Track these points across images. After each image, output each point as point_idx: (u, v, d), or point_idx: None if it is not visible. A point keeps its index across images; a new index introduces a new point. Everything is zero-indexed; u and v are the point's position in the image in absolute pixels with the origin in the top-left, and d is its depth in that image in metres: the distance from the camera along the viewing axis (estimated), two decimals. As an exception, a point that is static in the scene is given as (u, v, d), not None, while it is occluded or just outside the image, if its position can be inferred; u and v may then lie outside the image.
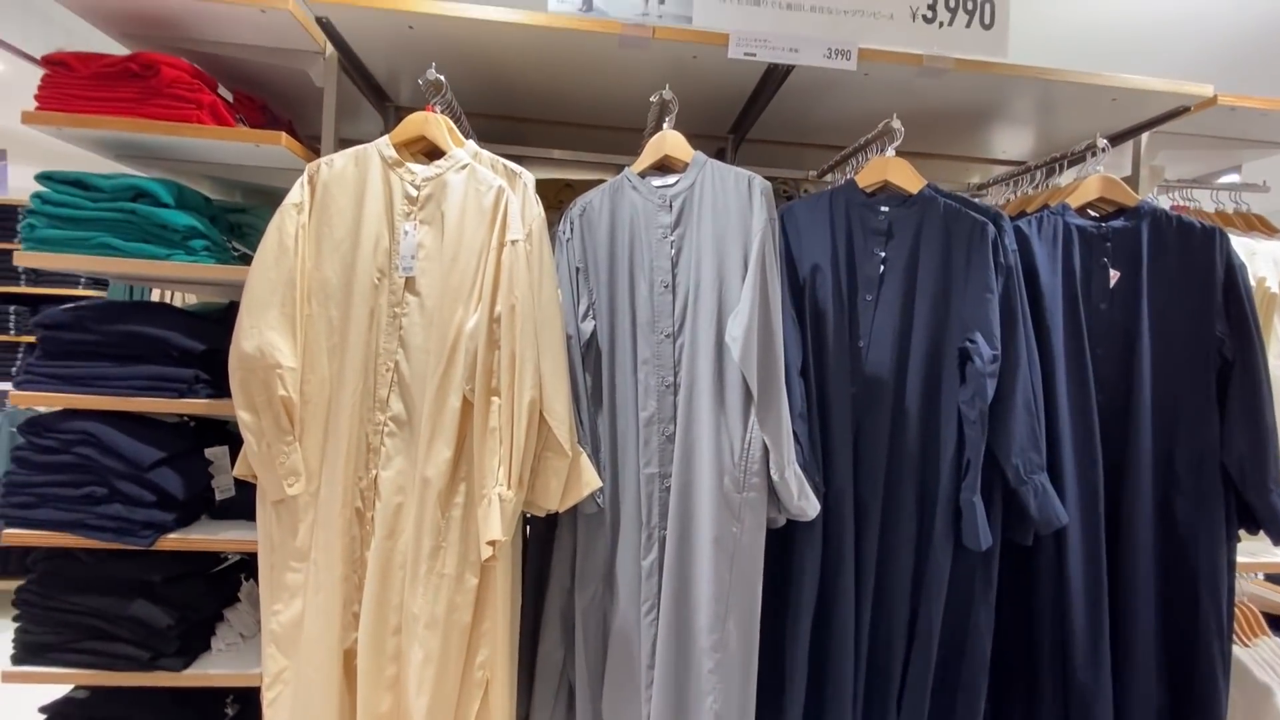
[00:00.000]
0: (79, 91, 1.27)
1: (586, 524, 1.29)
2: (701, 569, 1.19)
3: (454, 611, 1.17)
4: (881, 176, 1.37)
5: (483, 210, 1.23)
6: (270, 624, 1.22)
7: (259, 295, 1.20)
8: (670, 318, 1.28)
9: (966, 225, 1.30)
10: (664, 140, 1.33)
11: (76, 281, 3.65)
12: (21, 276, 3.63)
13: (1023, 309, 1.28)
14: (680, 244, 1.29)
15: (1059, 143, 1.78)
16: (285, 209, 1.22)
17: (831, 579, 1.27)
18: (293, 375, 1.19)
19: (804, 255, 1.35)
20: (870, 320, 1.34)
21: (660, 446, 1.27)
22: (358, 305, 1.23)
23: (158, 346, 1.28)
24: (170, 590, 1.29)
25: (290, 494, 1.20)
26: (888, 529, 1.30)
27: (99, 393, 1.26)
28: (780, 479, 1.16)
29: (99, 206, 1.26)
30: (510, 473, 1.15)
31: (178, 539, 1.27)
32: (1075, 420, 1.34)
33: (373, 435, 1.23)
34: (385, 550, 1.19)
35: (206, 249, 1.32)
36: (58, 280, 3.61)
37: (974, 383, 1.21)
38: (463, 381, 1.19)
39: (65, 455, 1.24)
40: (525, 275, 1.19)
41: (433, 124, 1.28)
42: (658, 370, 1.28)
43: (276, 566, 1.22)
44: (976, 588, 1.27)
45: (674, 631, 1.20)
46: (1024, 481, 1.24)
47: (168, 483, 1.26)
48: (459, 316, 1.21)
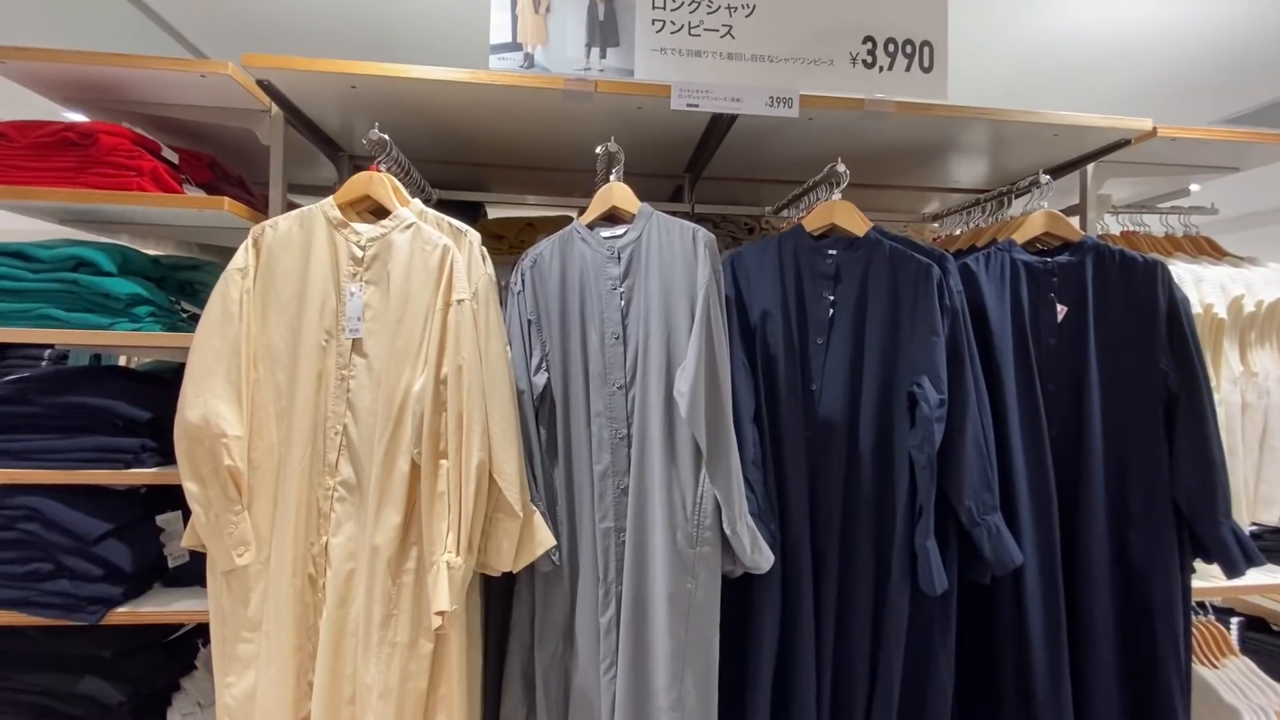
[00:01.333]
0: (18, 162, 1.26)
1: (544, 580, 1.28)
2: (657, 626, 1.18)
3: (408, 680, 1.15)
4: (828, 220, 1.38)
5: (428, 269, 1.22)
6: (224, 697, 1.19)
7: (203, 363, 1.18)
8: (622, 369, 1.28)
9: (912, 268, 1.31)
10: (611, 192, 1.33)
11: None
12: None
13: (970, 350, 1.29)
14: (630, 295, 1.29)
15: (1012, 171, 1.80)
16: (229, 275, 1.21)
17: (791, 626, 1.27)
18: (239, 444, 1.18)
19: (754, 300, 1.36)
20: (822, 363, 1.35)
21: (615, 500, 1.26)
22: (305, 368, 1.22)
23: (102, 417, 1.26)
24: (122, 665, 1.27)
25: (240, 564, 1.18)
26: (846, 574, 1.30)
27: (44, 467, 1.24)
28: (733, 533, 1.16)
29: (40, 278, 1.25)
30: (460, 538, 1.14)
31: (127, 612, 1.25)
32: (1029, 456, 1.35)
33: (323, 500, 1.21)
34: (337, 619, 1.18)
35: (152, 315, 1.30)
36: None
37: (922, 428, 1.22)
38: (411, 445, 1.18)
39: (9, 532, 1.22)
40: (472, 335, 1.19)
41: (377, 183, 1.28)
42: (611, 423, 1.27)
43: (228, 638, 1.20)
44: (935, 630, 1.27)
45: (632, 690, 1.19)
46: (977, 523, 1.24)
47: (115, 555, 1.24)
48: (406, 378, 1.20)
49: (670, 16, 1.33)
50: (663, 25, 1.32)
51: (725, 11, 1.33)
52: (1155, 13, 2.32)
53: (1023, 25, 2.43)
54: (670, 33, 1.32)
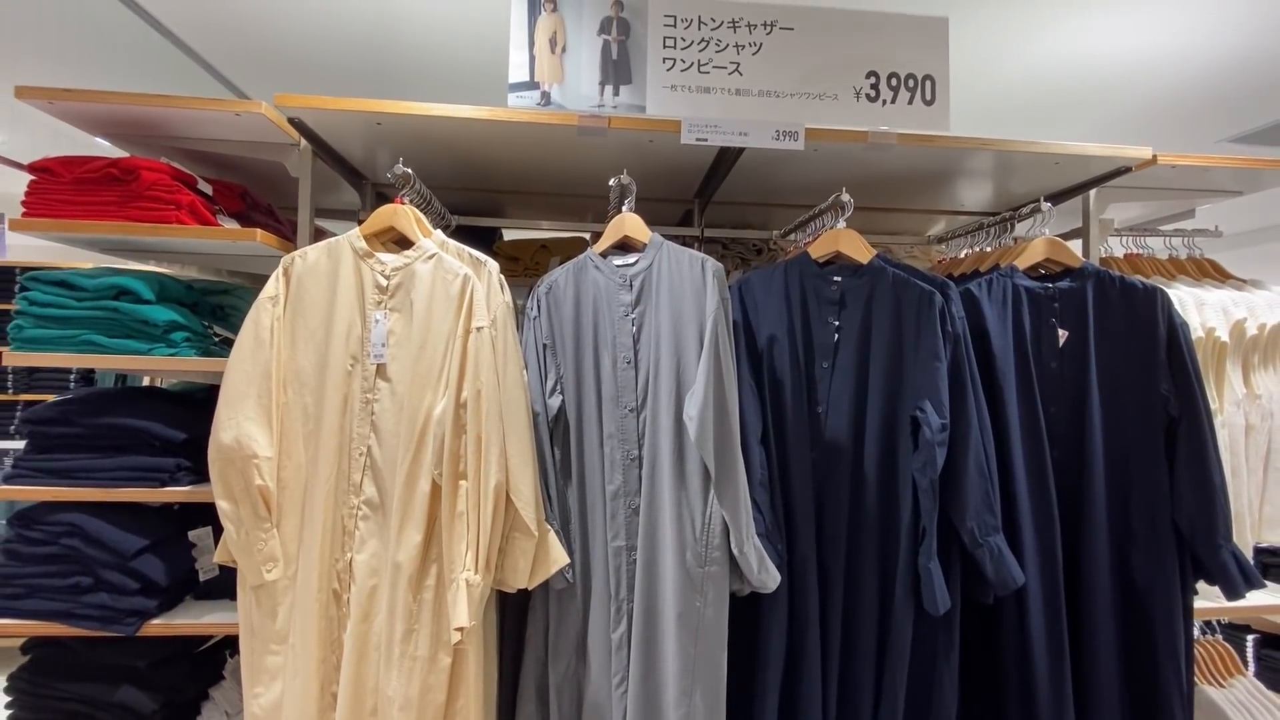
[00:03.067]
0: (64, 196, 1.34)
1: (558, 597, 1.33)
2: (667, 643, 1.22)
3: (428, 693, 1.20)
4: (833, 248, 1.42)
5: (450, 298, 1.28)
6: (252, 707, 1.25)
7: (236, 388, 1.25)
8: (633, 392, 1.33)
9: (914, 294, 1.35)
10: (623, 222, 1.38)
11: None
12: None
13: (972, 374, 1.33)
14: (641, 321, 1.34)
15: (1016, 194, 1.84)
16: (261, 303, 1.28)
17: (797, 644, 1.30)
18: (269, 465, 1.24)
19: (761, 325, 1.40)
20: (828, 387, 1.39)
21: (627, 519, 1.31)
22: (331, 392, 1.28)
23: (140, 437, 1.33)
24: (155, 674, 1.32)
25: (269, 579, 1.24)
26: (851, 593, 1.33)
27: (84, 485, 1.30)
28: (740, 553, 1.20)
29: (83, 305, 1.32)
30: (478, 556, 1.19)
31: (161, 624, 1.31)
32: (1031, 479, 1.38)
33: (348, 519, 1.27)
34: (360, 633, 1.23)
35: (187, 340, 1.37)
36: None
37: (924, 452, 1.26)
38: (432, 466, 1.24)
39: (52, 547, 1.29)
40: (490, 361, 1.24)
41: (401, 216, 1.34)
42: (622, 444, 1.32)
43: (256, 650, 1.25)
44: (939, 648, 1.30)
45: (643, 705, 1.23)
46: (979, 544, 1.27)
47: (151, 570, 1.30)
48: (427, 402, 1.26)
49: (680, 55, 1.38)
50: (673, 63, 1.38)
51: (733, 50, 1.38)
52: (1155, 39, 2.35)
53: (1023, 53, 2.47)
54: (680, 70, 1.38)
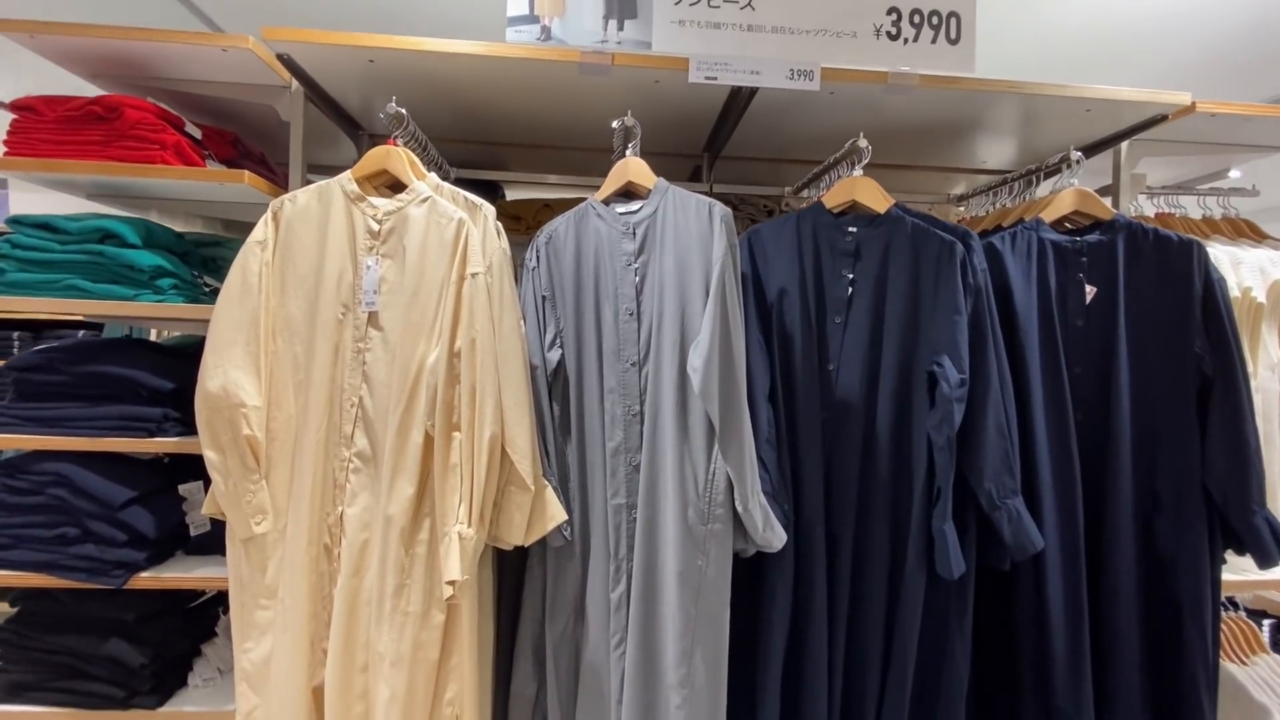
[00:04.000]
0: (46, 135, 1.28)
1: (556, 556, 1.28)
2: (667, 602, 1.18)
3: (420, 649, 1.16)
4: (849, 197, 1.35)
5: (444, 243, 1.22)
6: (241, 661, 1.22)
7: (223, 334, 1.20)
8: (635, 346, 1.27)
9: (934, 245, 1.27)
10: (626, 167, 1.32)
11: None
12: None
13: (993, 329, 1.26)
14: (644, 271, 1.28)
15: (1041, 150, 1.75)
16: (249, 247, 1.23)
17: (803, 608, 1.25)
18: (257, 414, 1.20)
19: (771, 278, 1.33)
20: (840, 343, 1.33)
21: (627, 476, 1.26)
22: (322, 341, 1.23)
23: (126, 386, 1.29)
24: (145, 628, 1.30)
25: (257, 532, 1.20)
26: (860, 557, 1.28)
27: (70, 434, 1.27)
28: (744, 510, 1.15)
29: (67, 249, 1.28)
30: (471, 510, 1.14)
31: (150, 578, 1.28)
32: (1052, 441, 1.31)
33: (338, 471, 1.23)
34: (351, 588, 1.19)
35: (175, 287, 1.32)
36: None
37: (942, 408, 1.19)
38: (424, 417, 1.19)
39: (38, 497, 1.26)
40: (485, 309, 1.19)
41: (394, 157, 1.28)
42: (624, 399, 1.27)
43: (246, 604, 1.22)
44: (952, 615, 1.25)
45: (641, 666, 1.19)
46: (997, 507, 1.21)
47: (139, 522, 1.27)
48: (420, 351, 1.20)
49: (689, -13, 1.30)
50: (681, -4, 1.30)
51: (745, -18, 1.30)
52: (1196, -13, 2.23)
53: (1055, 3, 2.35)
54: (689, 4, 1.30)
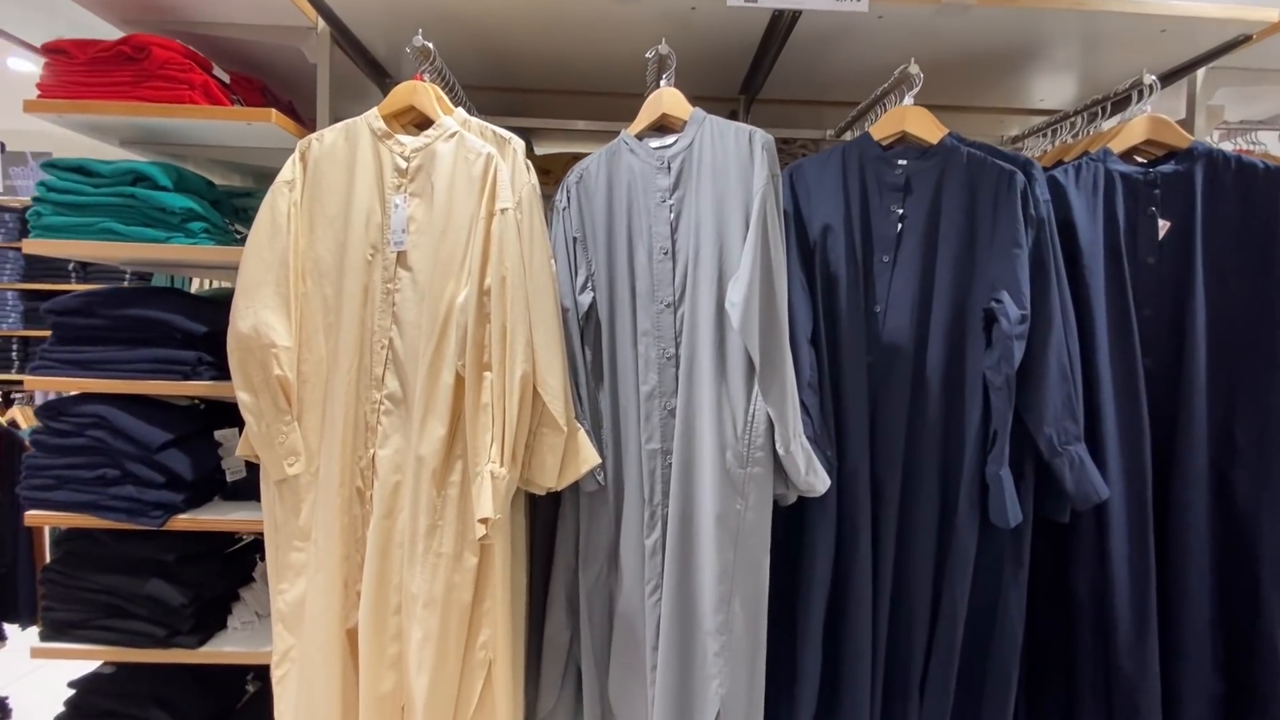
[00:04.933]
0: (77, 78, 1.28)
1: (589, 502, 1.25)
2: (704, 548, 1.13)
3: (452, 590, 1.14)
4: (899, 127, 1.27)
5: (472, 179, 1.18)
6: (277, 603, 1.22)
7: (253, 275, 1.19)
8: (670, 286, 1.22)
9: (992, 176, 1.19)
10: (660, 99, 1.25)
11: (123, 275, 3.80)
12: (73, 274, 3.79)
13: (1056, 264, 1.17)
14: (680, 207, 1.22)
15: (1103, 85, 1.62)
16: (277, 187, 1.21)
17: (847, 560, 1.20)
18: (288, 354, 1.18)
19: (814, 215, 1.26)
20: (887, 283, 1.25)
21: (662, 421, 1.21)
22: (351, 282, 1.21)
23: (162, 330, 1.29)
24: (184, 569, 1.31)
25: (290, 473, 1.19)
26: (907, 506, 1.21)
27: (107, 376, 1.28)
28: (786, 453, 1.09)
29: (100, 192, 1.27)
30: (503, 449, 1.12)
31: (188, 519, 1.29)
32: (1119, 387, 1.22)
33: (370, 414, 1.21)
34: (384, 530, 1.18)
35: (205, 231, 1.32)
36: (104, 274, 3.75)
37: (1000, 346, 1.12)
38: (455, 357, 1.16)
39: (79, 438, 1.27)
40: (515, 245, 1.15)
41: (421, 92, 1.24)
42: (658, 342, 1.22)
43: (281, 546, 1.22)
44: (1006, 568, 1.18)
45: (677, 613, 1.15)
46: (1058, 453, 1.13)
47: (177, 464, 1.28)
48: (450, 290, 1.17)
49: (728, -97, 1.22)
50: (719, -88, 1.22)
51: (788, -106, 1.21)
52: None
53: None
54: (728, -79, 1.22)
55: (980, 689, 1.20)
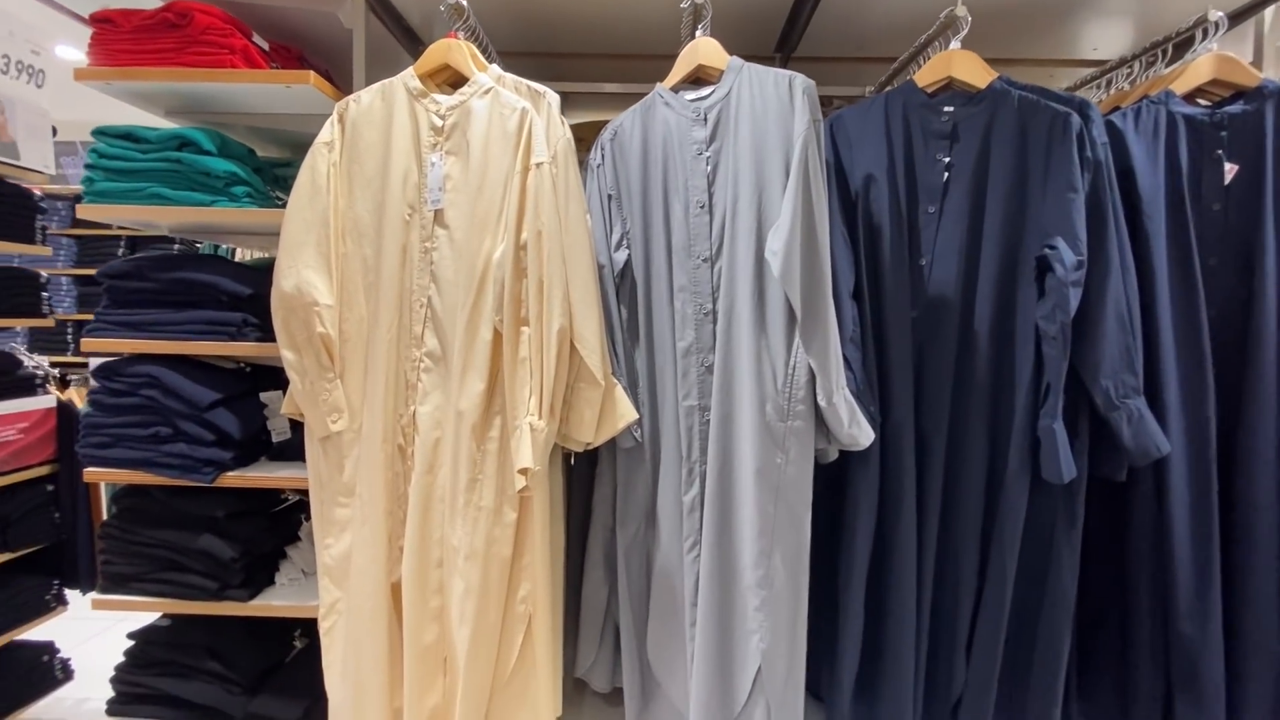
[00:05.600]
0: (123, 46, 1.31)
1: (626, 460, 1.25)
2: (744, 502, 1.12)
3: (493, 544, 1.15)
4: (945, 73, 1.22)
5: (507, 134, 1.18)
6: (323, 557, 1.25)
7: (295, 235, 1.20)
8: (707, 240, 1.20)
9: (1046, 118, 1.14)
10: (696, 49, 1.23)
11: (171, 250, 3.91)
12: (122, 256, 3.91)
13: (1114, 209, 1.12)
14: (716, 160, 1.20)
15: (1161, 29, 1.54)
16: (316, 148, 1.22)
17: (890, 517, 1.17)
18: (330, 312, 1.20)
19: (856, 166, 1.23)
20: (933, 235, 1.21)
21: (699, 378, 1.20)
22: (390, 242, 1.22)
23: (208, 292, 1.32)
24: (233, 525, 1.35)
25: (334, 430, 1.21)
26: (954, 463, 1.18)
27: (158, 337, 1.31)
28: (828, 405, 1.07)
29: (148, 157, 1.30)
30: (541, 403, 1.12)
31: (236, 477, 1.32)
32: (1181, 339, 1.16)
33: (410, 371, 1.22)
34: (425, 485, 1.19)
35: (249, 195, 1.34)
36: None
37: (1055, 294, 1.07)
38: (492, 313, 1.16)
39: (133, 398, 1.31)
40: (551, 199, 1.14)
41: (455, 50, 1.24)
42: (695, 298, 1.20)
43: (325, 502, 1.24)
44: (1058, 527, 1.14)
45: (716, 568, 1.14)
46: (1115, 406, 1.09)
47: (225, 423, 1.31)
48: (486, 247, 1.17)
49: None
50: None
51: None
52: None
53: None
54: None
55: (1030, 652, 1.17)
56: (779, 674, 1.09)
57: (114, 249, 3.91)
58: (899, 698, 1.15)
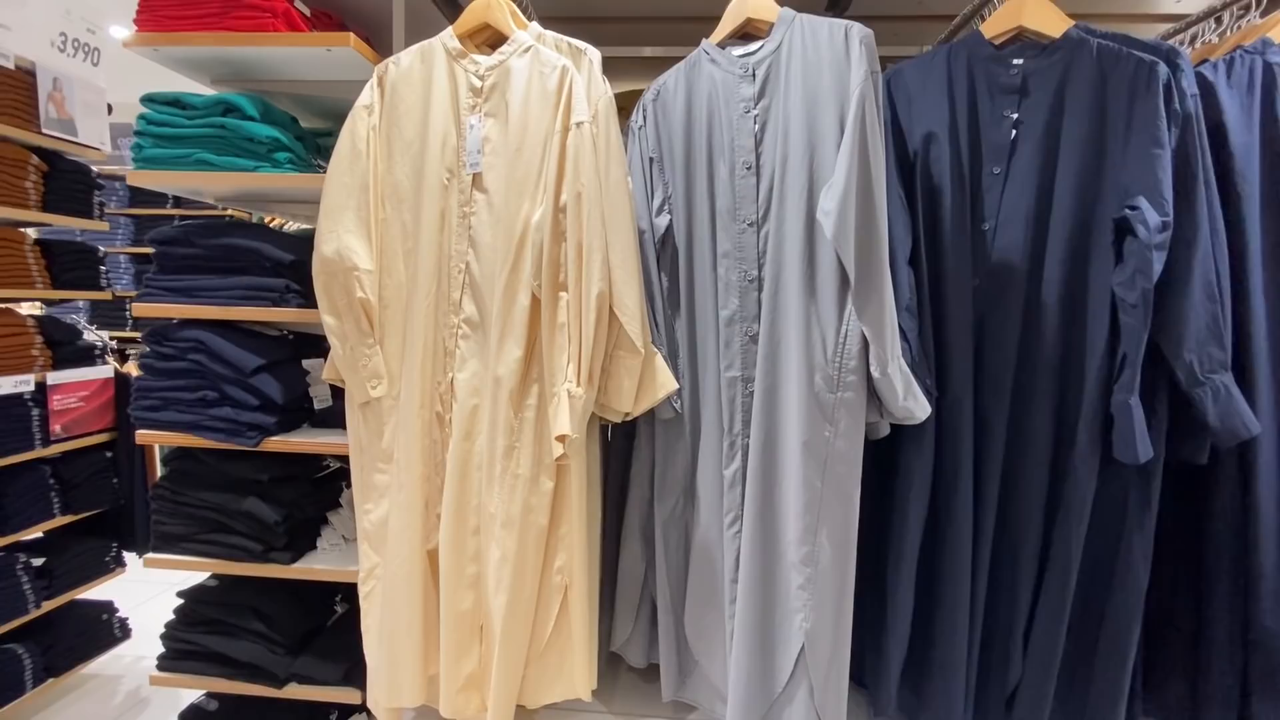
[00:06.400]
0: (170, 12, 1.31)
1: (665, 432, 1.21)
2: (789, 477, 1.07)
3: (530, 513, 1.14)
4: (1014, 22, 1.13)
5: (547, 94, 1.14)
6: (363, 523, 1.25)
7: (335, 199, 1.20)
8: (753, 204, 1.14)
9: (1129, 68, 1.04)
10: (745, 1, 1.17)
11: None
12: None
13: (1204, 167, 1.02)
14: (765, 118, 1.14)
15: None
16: (356, 111, 1.21)
17: (945, 497, 1.11)
18: (370, 278, 1.19)
19: (914, 124, 1.15)
20: (998, 198, 1.13)
21: (743, 347, 1.15)
22: (428, 208, 1.20)
23: (252, 257, 1.33)
24: (277, 490, 1.37)
25: (374, 396, 1.21)
26: (1016, 441, 1.11)
27: (204, 302, 1.33)
28: (882, 375, 1.01)
29: (194, 123, 1.31)
30: (580, 369, 1.09)
31: (279, 441, 1.34)
32: (1273, 311, 1.07)
33: (448, 339, 1.21)
34: (463, 452, 1.18)
35: (291, 162, 1.34)
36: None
37: (1136, 258, 0.98)
38: (530, 278, 1.13)
39: (181, 362, 1.33)
40: (591, 160, 1.10)
41: (495, 8, 1.20)
42: (739, 264, 1.15)
43: (365, 467, 1.25)
44: (1130, 512, 1.06)
45: (759, 545, 1.10)
46: (1200, 382, 1.00)
47: (268, 388, 1.32)
48: (525, 210, 1.14)
49: None
50: None
51: None
52: None
53: None
54: None
55: (1093, 644, 1.10)
56: (823, 655, 1.05)
57: (167, 224, 4.04)
58: (950, 687, 1.10)
